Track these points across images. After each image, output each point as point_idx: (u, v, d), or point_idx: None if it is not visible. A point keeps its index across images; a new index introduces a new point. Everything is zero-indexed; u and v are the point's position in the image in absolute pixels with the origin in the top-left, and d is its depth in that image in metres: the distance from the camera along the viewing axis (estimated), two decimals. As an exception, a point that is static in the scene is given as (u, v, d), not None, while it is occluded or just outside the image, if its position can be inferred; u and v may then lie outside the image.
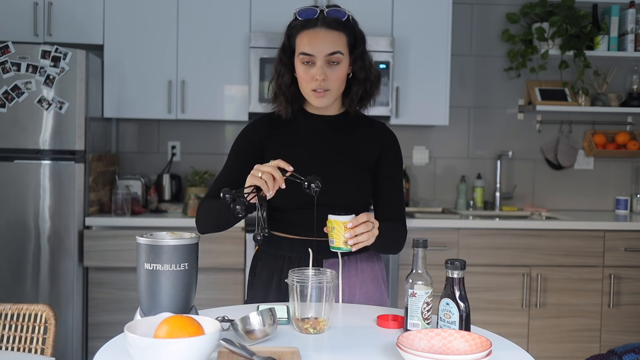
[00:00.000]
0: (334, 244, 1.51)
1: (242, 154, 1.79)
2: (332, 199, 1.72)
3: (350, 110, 1.80)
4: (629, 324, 3.51)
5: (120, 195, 3.37)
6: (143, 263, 1.40)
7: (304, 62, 1.69)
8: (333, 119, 1.80)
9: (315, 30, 1.67)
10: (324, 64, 1.67)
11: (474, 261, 3.38)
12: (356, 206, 1.76)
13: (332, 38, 1.68)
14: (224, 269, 3.29)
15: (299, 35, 1.70)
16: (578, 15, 3.76)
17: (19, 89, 3.13)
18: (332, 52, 1.67)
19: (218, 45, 3.55)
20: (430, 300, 1.43)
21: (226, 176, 1.78)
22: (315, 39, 1.67)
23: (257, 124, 1.83)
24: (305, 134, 1.79)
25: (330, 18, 1.69)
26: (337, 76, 1.70)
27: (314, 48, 1.67)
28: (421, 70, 3.64)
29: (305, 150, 1.77)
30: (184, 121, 3.80)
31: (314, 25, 1.68)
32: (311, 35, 1.67)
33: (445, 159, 4.06)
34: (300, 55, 1.69)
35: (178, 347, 1.13)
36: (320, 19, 1.68)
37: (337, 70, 1.69)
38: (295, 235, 1.75)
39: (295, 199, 1.73)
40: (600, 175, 4.11)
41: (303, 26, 1.69)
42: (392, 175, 1.82)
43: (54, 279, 3.17)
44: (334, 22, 1.68)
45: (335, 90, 1.72)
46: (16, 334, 2.15)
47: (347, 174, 1.75)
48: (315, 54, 1.67)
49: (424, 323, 1.42)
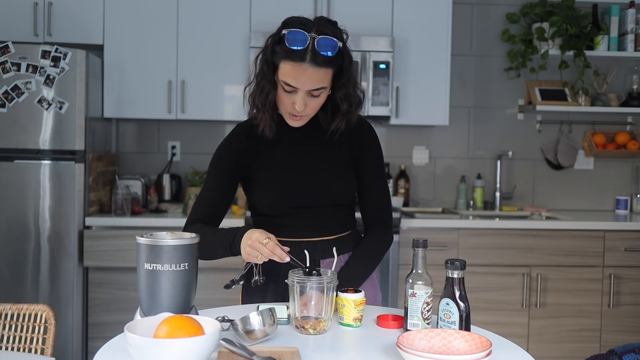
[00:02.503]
0: (344, 321, 1.51)
1: (223, 173, 1.76)
2: (319, 201, 1.75)
3: (325, 125, 1.74)
4: (629, 324, 3.51)
5: (120, 195, 3.37)
6: (143, 263, 1.40)
7: (285, 89, 1.63)
8: (311, 119, 1.75)
9: (302, 67, 1.57)
10: (306, 94, 1.63)
11: (474, 261, 3.38)
12: (344, 203, 1.79)
13: (318, 76, 1.60)
14: (224, 269, 3.28)
15: (284, 63, 1.60)
16: (578, 15, 3.76)
17: (19, 89, 3.13)
18: (316, 89, 1.62)
19: (218, 45, 3.55)
20: (430, 300, 1.43)
21: (209, 198, 1.76)
22: (302, 75, 1.58)
23: (234, 137, 1.79)
24: (284, 138, 1.77)
25: (319, 55, 1.58)
26: (316, 105, 1.67)
27: (298, 82, 1.59)
28: (421, 70, 3.64)
29: (286, 155, 1.76)
30: (184, 121, 3.80)
31: (301, 59, 1.57)
32: (297, 70, 1.58)
33: (445, 159, 4.06)
34: (282, 82, 1.63)
35: (178, 347, 1.13)
36: (310, 52, 1.57)
37: (318, 100, 1.66)
38: (290, 239, 1.74)
39: (288, 203, 1.74)
40: (600, 175, 4.11)
41: (289, 56, 1.58)
42: (372, 175, 1.81)
43: (54, 279, 3.17)
44: (322, 60, 1.58)
45: (312, 113, 1.70)
46: (16, 334, 2.15)
47: (330, 176, 1.75)
48: (299, 87, 1.61)
49: (424, 323, 1.42)
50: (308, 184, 1.74)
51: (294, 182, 1.74)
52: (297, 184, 1.74)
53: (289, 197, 1.73)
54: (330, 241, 1.76)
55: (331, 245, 1.74)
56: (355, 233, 1.86)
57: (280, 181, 1.74)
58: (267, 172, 1.75)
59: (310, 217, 1.74)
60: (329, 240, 1.76)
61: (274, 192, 1.74)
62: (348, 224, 1.82)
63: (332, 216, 1.77)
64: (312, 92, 1.63)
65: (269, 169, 1.75)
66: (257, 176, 1.75)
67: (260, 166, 1.76)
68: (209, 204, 1.75)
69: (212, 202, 1.76)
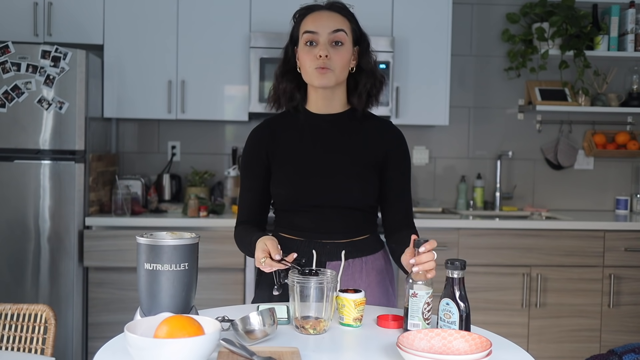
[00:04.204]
0: (344, 321, 1.51)
1: (254, 173, 1.81)
2: (337, 200, 1.73)
3: (358, 107, 1.77)
4: (629, 324, 3.51)
5: (120, 195, 3.37)
6: (143, 263, 1.40)
7: (307, 42, 1.70)
8: (336, 117, 1.77)
9: (319, 12, 1.72)
10: (327, 43, 1.68)
11: (474, 261, 3.38)
12: (362, 207, 1.76)
13: (336, 18, 1.71)
14: (224, 269, 3.29)
15: (303, 20, 1.73)
16: (578, 15, 3.76)
17: (19, 89, 3.13)
18: (335, 30, 1.69)
19: (218, 45, 3.55)
20: (431, 300, 1.43)
21: (250, 200, 1.82)
22: (320, 18, 1.70)
23: (258, 134, 1.83)
24: (308, 134, 1.78)
25: (334, 3, 1.75)
26: (340, 57, 1.69)
27: (317, 26, 1.69)
28: (421, 70, 3.64)
29: (309, 154, 1.76)
30: (184, 121, 3.80)
31: (318, 9, 1.73)
32: (315, 16, 1.71)
33: (445, 159, 4.06)
34: (304, 35, 1.70)
35: (178, 347, 1.13)
36: (324, 4, 1.75)
37: (340, 50, 1.69)
38: (300, 237, 1.75)
39: (301, 201, 1.74)
40: (600, 175, 4.11)
41: (307, 10, 1.73)
42: (400, 177, 1.79)
43: (54, 279, 3.17)
44: (336, 6, 1.74)
45: (337, 71, 1.70)
46: (16, 334, 2.15)
47: (352, 176, 1.74)
48: (319, 31, 1.68)
49: (424, 323, 1.41)
50: (324, 182, 1.73)
51: (311, 179, 1.73)
52: (314, 181, 1.73)
53: (303, 191, 1.73)
54: (341, 244, 1.74)
55: (341, 248, 1.73)
56: (374, 238, 1.82)
57: (297, 176, 1.74)
58: (286, 166, 1.76)
59: (324, 217, 1.73)
60: (340, 243, 1.74)
61: (290, 186, 1.74)
62: (364, 228, 1.79)
63: (347, 219, 1.75)
64: (333, 39, 1.69)
65: (289, 163, 1.76)
66: (276, 170, 1.77)
67: (282, 161, 1.77)
68: (250, 205, 1.83)
69: (252, 203, 1.82)
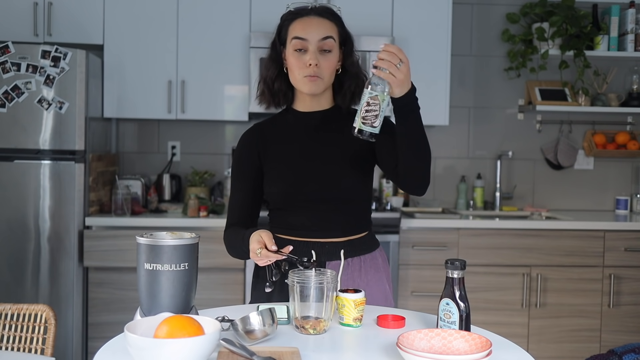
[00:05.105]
0: (344, 321, 1.51)
1: (245, 175, 1.81)
2: (332, 196, 1.74)
3: (342, 105, 1.80)
4: (629, 324, 3.51)
5: (120, 195, 3.37)
6: (143, 263, 1.40)
7: (296, 48, 1.71)
8: (323, 113, 1.80)
9: (308, 18, 1.73)
10: (317, 50, 1.70)
11: (474, 261, 3.38)
12: (356, 200, 1.78)
13: (325, 25, 1.72)
14: (224, 269, 3.29)
15: (292, 24, 1.73)
16: (578, 15, 3.76)
17: (19, 89, 3.13)
18: (324, 37, 1.70)
19: (218, 45, 3.55)
20: (375, 104, 1.48)
21: (241, 201, 1.82)
22: (309, 25, 1.71)
23: (249, 137, 1.84)
24: (298, 133, 1.79)
25: (321, 8, 1.76)
26: (328, 64, 1.72)
27: (307, 33, 1.70)
28: (421, 70, 3.63)
29: (300, 151, 1.78)
30: (184, 121, 3.80)
31: (307, 13, 1.74)
32: (304, 22, 1.72)
33: (445, 159, 4.06)
34: (293, 41, 1.71)
35: (178, 347, 1.13)
36: (312, 9, 1.75)
37: (329, 58, 1.72)
38: (298, 237, 1.75)
39: (296, 197, 1.74)
40: (600, 175, 4.11)
41: (296, 15, 1.74)
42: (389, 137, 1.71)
43: (54, 279, 3.17)
44: (325, 12, 1.74)
45: (326, 78, 1.73)
46: (16, 334, 2.15)
47: (345, 170, 1.75)
48: (309, 38, 1.70)
49: (360, 122, 1.48)
50: (318, 175, 1.74)
51: (303, 173, 1.75)
52: (307, 175, 1.74)
53: (298, 187, 1.74)
54: (339, 243, 1.75)
55: (340, 248, 1.74)
56: (371, 236, 1.83)
57: (290, 171, 1.75)
58: (278, 164, 1.77)
59: (320, 213, 1.74)
60: (338, 242, 1.75)
61: (284, 182, 1.75)
62: (361, 226, 1.80)
63: (343, 215, 1.76)
64: (322, 46, 1.70)
65: (281, 161, 1.77)
66: (269, 169, 1.78)
67: (273, 160, 1.78)
68: (240, 206, 1.82)
69: (243, 204, 1.82)
